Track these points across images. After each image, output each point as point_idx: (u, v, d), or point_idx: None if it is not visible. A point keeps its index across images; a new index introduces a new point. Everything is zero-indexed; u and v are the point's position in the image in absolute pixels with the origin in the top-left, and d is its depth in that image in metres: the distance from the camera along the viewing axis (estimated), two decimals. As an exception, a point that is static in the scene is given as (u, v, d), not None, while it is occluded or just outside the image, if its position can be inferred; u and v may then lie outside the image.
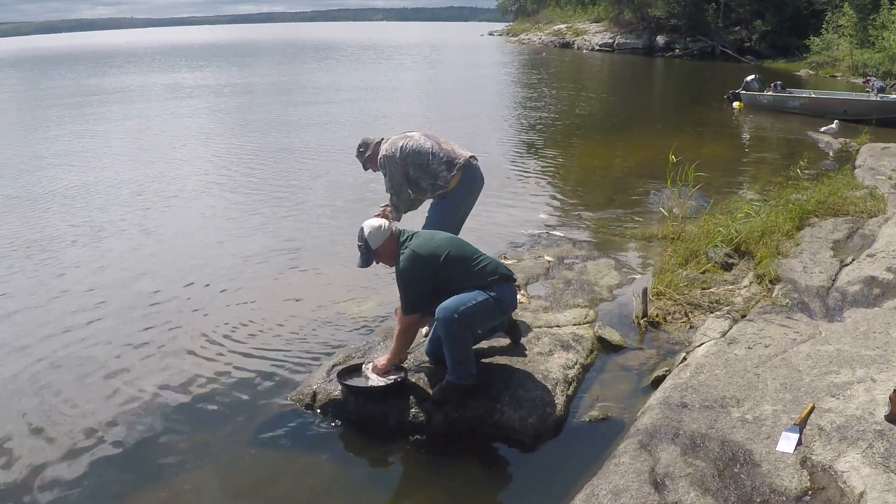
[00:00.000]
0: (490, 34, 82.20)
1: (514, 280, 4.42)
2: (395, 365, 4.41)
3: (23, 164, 12.40)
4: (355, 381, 4.32)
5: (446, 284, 4.17)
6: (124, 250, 7.66)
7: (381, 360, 4.37)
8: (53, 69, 43.30)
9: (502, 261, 6.13)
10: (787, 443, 3.50)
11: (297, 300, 6.13)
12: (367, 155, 5.44)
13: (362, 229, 4.29)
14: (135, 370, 5.00)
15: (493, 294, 4.16)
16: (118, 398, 4.64)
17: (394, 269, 4.34)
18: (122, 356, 5.21)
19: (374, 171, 5.51)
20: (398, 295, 4.27)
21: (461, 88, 26.92)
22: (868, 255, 6.27)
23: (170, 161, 12.64)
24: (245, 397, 4.62)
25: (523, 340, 4.83)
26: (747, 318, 5.17)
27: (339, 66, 39.01)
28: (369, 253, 4.29)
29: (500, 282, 4.24)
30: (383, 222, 4.31)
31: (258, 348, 5.31)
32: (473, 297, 4.10)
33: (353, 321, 5.72)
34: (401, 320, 4.27)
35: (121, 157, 13.13)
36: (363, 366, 4.43)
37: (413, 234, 4.34)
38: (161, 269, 7.03)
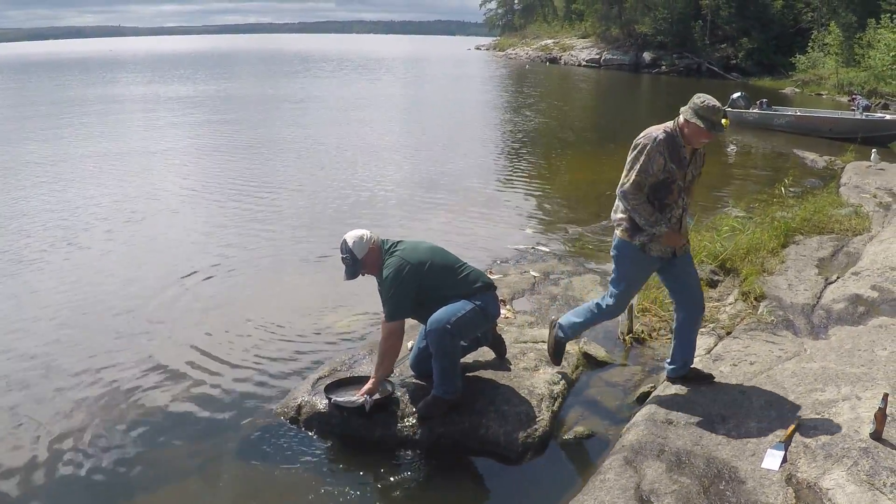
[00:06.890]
0: (477, 48, 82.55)
1: (496, 288, 4.43)
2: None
3: None
4: (343, 397, 4.26)
5: (431, 292, 4.17)
6: (109, 262, 7.60)
7: (368, 384, 4.22)
8: (23, 78, 42.76)
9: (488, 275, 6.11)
10: (772, 460, 3.51)
11: (281, 313, 6.08)
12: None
13: (345, 241, 4.23)
14: (118, 383, 4.94)
15: (478, 303, 4.19)
16: (102, 411, 4.58)
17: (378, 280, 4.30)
18: (106, 369, 5.14)
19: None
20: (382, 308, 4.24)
21: (445, 102, 26.98)
22: (853, 273, 6.31)
23: (148, 173, 12.58)
24: (230, 410, 4.58)
25: (509, 355, 4.82)
26: (732, 335, 5.19)
27: (324, 80, 39.03)
28: (356, 264, 4.23)
29: (483, 290, 4.27)
30: (365, 232, 4.28)
31: (243, 361, 5.26)
32: (462, 307, 4.12)
33: (338, 334, 5.69)
34: (384, 328, 4.19)
35: (101, 172, 13.02)
36: (355, 393, 4.27)
37: (396, 243, 4.32)
38: (143, 282, 6.95)
